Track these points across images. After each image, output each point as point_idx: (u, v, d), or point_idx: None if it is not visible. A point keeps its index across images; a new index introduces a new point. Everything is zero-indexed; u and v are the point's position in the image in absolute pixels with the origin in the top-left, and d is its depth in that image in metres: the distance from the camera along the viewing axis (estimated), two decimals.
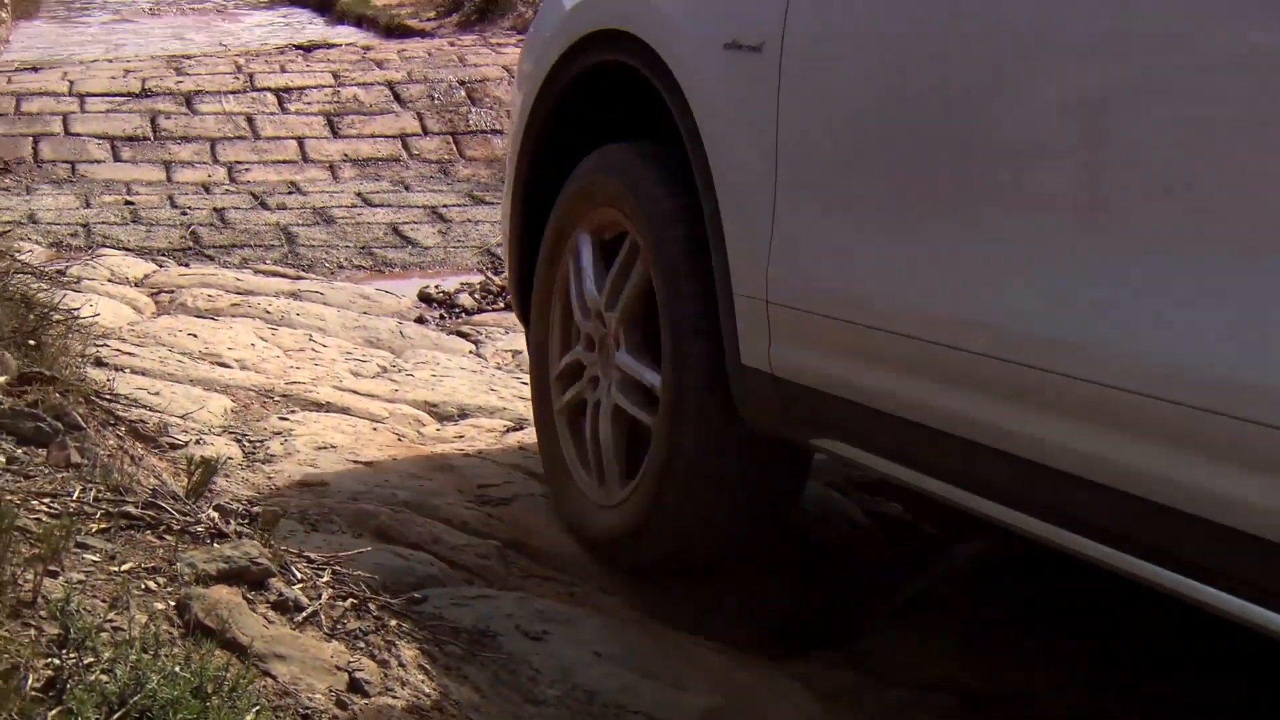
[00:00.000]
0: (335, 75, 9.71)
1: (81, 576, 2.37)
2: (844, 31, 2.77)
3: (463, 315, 6.04)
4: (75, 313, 4.24)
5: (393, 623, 2.72)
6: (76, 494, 2.71)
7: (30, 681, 2.02)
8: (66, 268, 6.00)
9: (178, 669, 2.08)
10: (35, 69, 10.20)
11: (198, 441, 3.91)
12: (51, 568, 2.33)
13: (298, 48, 10.71)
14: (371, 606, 2.74)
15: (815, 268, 2.80)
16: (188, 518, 2.77)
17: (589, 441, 3.53)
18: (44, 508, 2.62)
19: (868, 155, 2.73)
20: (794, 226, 2.83)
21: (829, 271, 2.77)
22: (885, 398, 2.67)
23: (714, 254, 3.02)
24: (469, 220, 7.58)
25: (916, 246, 2.58)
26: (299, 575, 2.73)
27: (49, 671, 2.05)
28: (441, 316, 6.02)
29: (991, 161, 2.46)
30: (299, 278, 6.42)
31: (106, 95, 9.16)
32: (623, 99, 3.47)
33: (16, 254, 5.62)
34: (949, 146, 2.51)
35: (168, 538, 2.65)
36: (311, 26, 14.37)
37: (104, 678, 2.04)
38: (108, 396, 3.76)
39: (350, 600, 2.73)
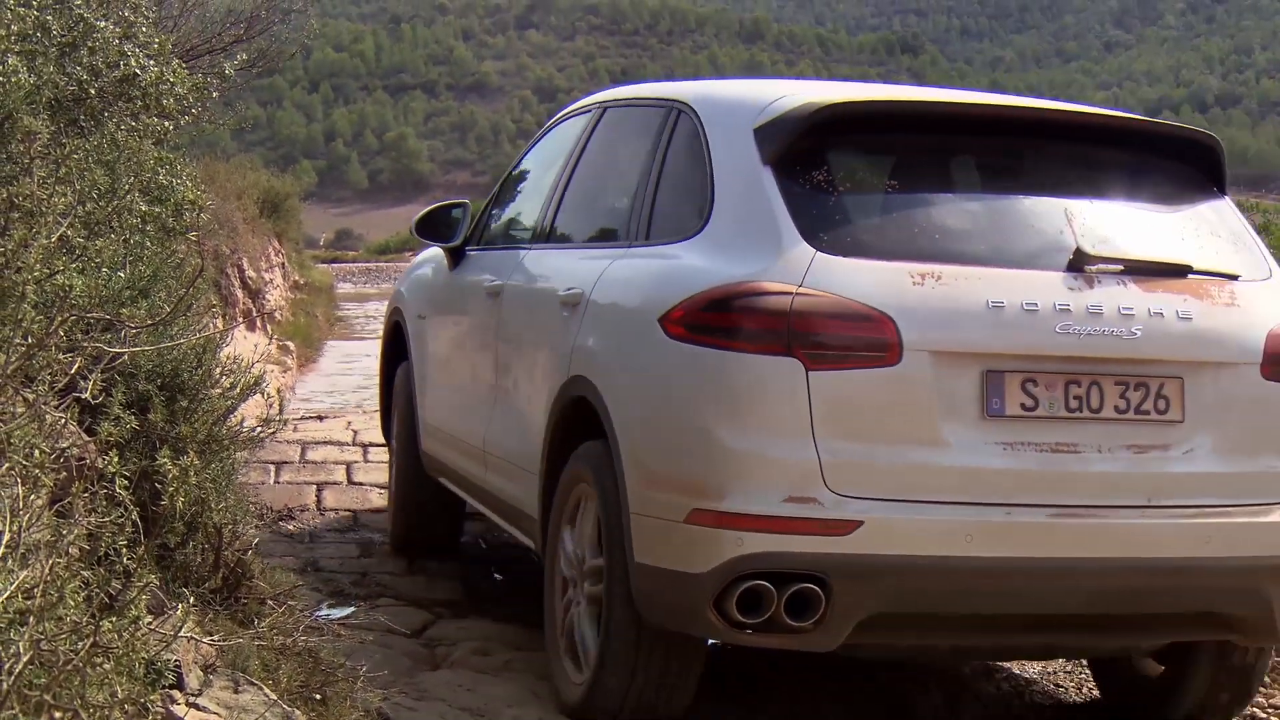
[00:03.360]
0: None
1: None
2: (438, 317, 7.08)
3: None
4: (361, 668, 4.27)
5: None
6: None
7: None
8: (347, 618, 6.08)
9: None
10: (320, 418, 10.57)
11: None
12: None
13: None
14: None
15: (430, 408, 7.01)
16: None
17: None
18: None
19: (438, 366, 6.98)
20: (428, 394, 7.06)
21: (432, 409, 6.98)
22: (449, 460, 6.68)
23: (411, 405, 7.25)
24: None
25: (450, 402, 6.74)
26: None
27: None
28: None
29: (473, 377, 6.42)
30: None
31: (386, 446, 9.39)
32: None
33: (301, 607, 5.72)
34: (459, 364, 6.71)
35: None
36: None
37: None
38: None
39: None
